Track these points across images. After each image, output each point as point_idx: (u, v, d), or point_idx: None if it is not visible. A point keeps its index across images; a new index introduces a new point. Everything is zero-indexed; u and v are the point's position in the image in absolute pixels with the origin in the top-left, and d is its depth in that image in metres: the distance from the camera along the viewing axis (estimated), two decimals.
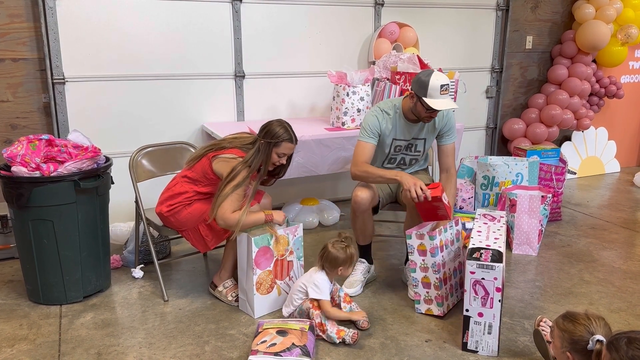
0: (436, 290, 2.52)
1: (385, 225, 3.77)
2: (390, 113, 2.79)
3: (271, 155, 2.55)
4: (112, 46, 3.47)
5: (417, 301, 2.60)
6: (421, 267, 2.51)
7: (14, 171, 2.49)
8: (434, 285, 2.51)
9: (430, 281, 2.52)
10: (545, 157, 4.14)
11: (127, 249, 3.15)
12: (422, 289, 2.55)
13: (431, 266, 2.49)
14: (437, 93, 2.59)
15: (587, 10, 4.73)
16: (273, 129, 2.55)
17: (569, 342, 1.77)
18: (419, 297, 2.58)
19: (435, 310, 2.55)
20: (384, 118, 2.78)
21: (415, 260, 2.52)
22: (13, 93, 3.33)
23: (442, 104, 2.61)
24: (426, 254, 2.48)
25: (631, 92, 5.42)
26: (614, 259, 3.31)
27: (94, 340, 2.37)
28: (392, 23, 4.17)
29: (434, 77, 2.60)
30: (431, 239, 2.45)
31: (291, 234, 2.61)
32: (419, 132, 2.84)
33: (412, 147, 2.89)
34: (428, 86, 2.59)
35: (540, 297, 2.80)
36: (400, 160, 2.93)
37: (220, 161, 2.54)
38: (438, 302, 2.53)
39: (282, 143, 2.55)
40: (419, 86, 2.63)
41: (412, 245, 2.50)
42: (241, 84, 3.88)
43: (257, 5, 3.82)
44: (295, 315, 2.47)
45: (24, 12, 3.25)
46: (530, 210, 3.34)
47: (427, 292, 2.54)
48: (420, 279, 2.54)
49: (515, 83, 5.03)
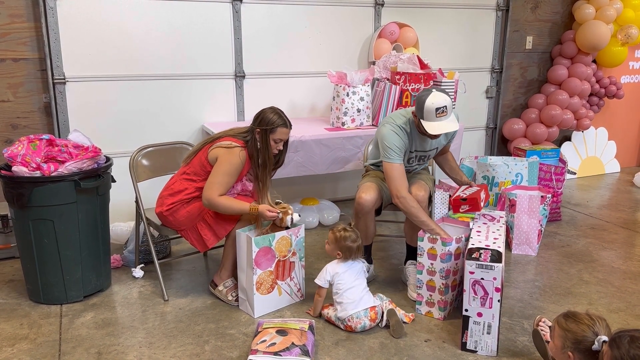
0: (440, 295, 2.52)
1: (385, 225, 3.78)
2: (407, 129, 2.72)
3: (269, 142, 2.60)
4: (113, 46, 3.48)
5: (418, 302, 2.60)
6: (428, 271, 2.51)
7: (15, 171, 2.49)
8: (439, 290, 2.51)
9: (435, 285, 2.52)
10: (545, 158, 4.14)
11: (127, 248, 3.16)
12: (425, 291, 2.56)
13: (439, 271, 2.48)
14: (433, 116, 2.54)
15: (587, 11, 4.73)
16: (267, 116, 2.60)
17: (572, 342, 1.77)
18: (422, 299, 2.59)
19: (436, 313, 2.55)
20: (404, 134, 2.70)
21: (423, 262, 2.52)
22: (14, 93, 3.34)
23: (438, 127, 2.56)
24: (436, 258, 2.47)
25: (631, 93, 5.43)
26: (614, 259, 3.31)
27: (94, 339, 2.38)
28: (392, 23, 4.17)
29: (430, 99, 2.54)
30: (444, 245, 2.44)
31: (293, 235, 2.61)
32: (432, 143, 2.84)
33: (425, 157, 2.91)
34: (424, 108, 2.55)
35: (539, 297, 2.80)
36: (409, 167, 2.91)
37: (215, 148, 2.59)
38: (440, 306, 2.53)
39: (277, 129, 2.59)
40: (417, 106, 2.60)
41: (422, 247, 2.50)
42: (241, 84, 3.89)
43: (258, 5, 3.82)
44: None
45: (25, 12, 3.26)
46: (530, 210, 3.35)
47: (431, 295, 2.55)
48: (425, 282, 2.54)
49: (515, 83, 5.03)
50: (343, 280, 2.45)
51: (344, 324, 2.42)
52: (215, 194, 2.51)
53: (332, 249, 2.53)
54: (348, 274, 2.46)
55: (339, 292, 2.44)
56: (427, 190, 2.80)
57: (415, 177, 2.93)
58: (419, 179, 2.89)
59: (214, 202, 2.52)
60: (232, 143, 2.58)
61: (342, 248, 2.48)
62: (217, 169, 2.55)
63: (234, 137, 2.63)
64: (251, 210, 2.53)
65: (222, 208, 2.53)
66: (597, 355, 1.70)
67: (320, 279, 2.50)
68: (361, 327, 2.40)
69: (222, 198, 2.52)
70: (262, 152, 2.60)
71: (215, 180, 2.53)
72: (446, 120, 2.57)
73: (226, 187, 2.55)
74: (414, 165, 2.91)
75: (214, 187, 2.52)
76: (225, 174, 2.54)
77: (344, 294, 2.43)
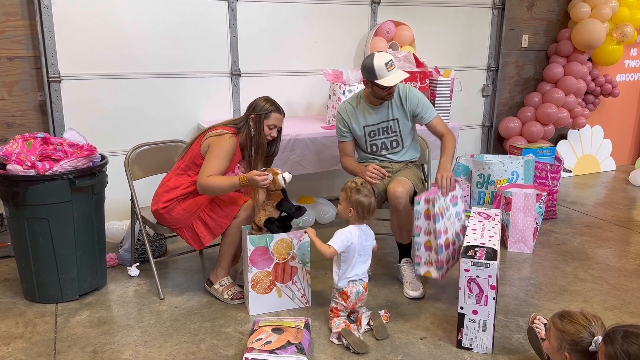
0: (436, 255, 2.58)
1: (381, 223, 3.78)
2: (353, 104, 2.98)
3: (263, 128, 2.64)
4: (108, 44, 3.47)
5: (417, 263, 2.66)
6: (425, 232, 2.59)
7: (9, 169, 2.48)
8: (435, 250, 2.57)
9: (432, 245, 2.58)
10: (540, 156, 4.16)
11: (123, 247, 3.15)
12: (423, 252, 2.62)
13: (433, 231, 2.55)
14: (385, 71, 2.74)
15: (582, 9, 4.74)
16: (260, 104, 2.68)
17: (569, 343, 1.76)
18: (420, 260, 2.64)
19: (434, 273, 2.61)
20: (348, 110, 2.97)
21: (420, 225, 2.59)
22: (8, 91, 3.33)
23: (394, 78, 2.76)
24: (430, 218, 2.55)
25: (627, 91, 5.44)
26: (609, 256, 3.32)
27: (89, 338, 2.37)
28: (388, 21, 4.17)
29: (376, 59, 2.75)
30: (433, 206, 2.52)
31: (296, 238, 2.57)
32: (388, 113, 2.94)
33: (387, 129, 2.97)
34: (374, 69, 2.74)
35: (534, 295, 2.81)
36: (381, 146, 3.00)
37: (207, 138, 2.62)
38: (437, 266, 2.59)
39: (272, 114, 2.66)
40: (367, 73, 2.78)
41: (419, 210, 2.57)
42: (237, 82, 3.88)
43: (253, 3, 3.82)
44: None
45: (20, 10, 3.24)
46: (526, 208, 3.36)
47: (429, 255, 2.61)
48: (423, 243, 2.61)
49: (511, 82, 5.04)
50: (352, 252, 2.36)
51: (339, 291, 2.42)
52: (205, 176, 2.52)
53: (344, 207, 2.41)
54: (359, 245, 2.38)
55: (345, 264, 2.38)
56: (407, 187, 2.75)
57: (398, 174, 2.93)
58: (401, 175, 2.88)
59: (204, 183, 2.51)
60: (222, 131, 2.63)
61: (354, 203, 2.36)
62: (208, 155, 2.57)
63: (225, 126, 2.68)
64: (241, 181, 2.47)
65: (213, 187, 2.52)
66: (594, 356, 1.70)
67: (336, 240, 2.33)
68: (355, 292, 2.41)
69: (211, 177, 2.51)
70: (255, 138, 2.64)
71: (206, 165, 2.55)
72: (397, 72, 2.78)
73: (217, 170, 2.54)
74: (378, 141, 3.00)
75: (205, 170, 2.53)
76: (215, 156, 2.55)
77: (351, 270, 2.38)
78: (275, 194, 2.52)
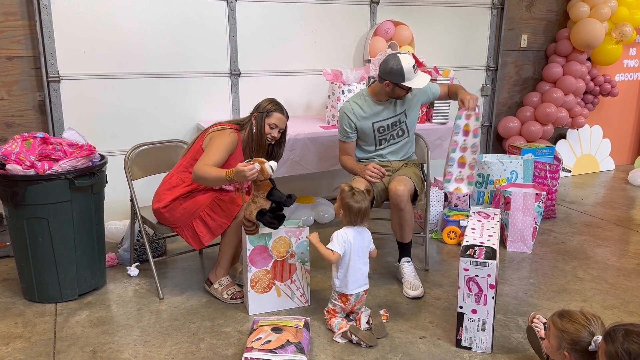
0: (470, 170, 2.63)
1: (380, 223, 3.78)
2: (359, 102, 2.98)
3: (264, 126, 2.67)
4: (107, 44, 3.47)
5: (447, 180, 2.70)
6: (461, 147, 2.63)
7: (9, 169, 2.48)
8: (469, 165, 2.62)
9: (465, 161, 2.63)
10: (539, 155, 4.16)
11: (122, 247, 3.15)
12: (456, 168, 2.68)
13: (471, 146, 2.60)
14: (412, 74, 2.78)
15: (581, 9, 4.75)
16: (263, 103, 2.73)
17: (568, 343, 1.76)
18: (451, 177, 2.68)
19: (465, 188, 2.67)
20: (355, 111, 2.95)
21: (457, 140, 2.64)
22: (8, 91, 3.33)
23: (423, 81, 2.82)
24: (469, 134, 2.59)
25: (626, 90, 5.45)
26: (608, 256, 3.33)
27: (89, 338, 2.37)
28: (387, 21, 4.17)
29: (404, 62, 2.76)
30: (476, 120, 2.58)
31: (294, 236, 2.57)
32: (395, 108, 2.97)
33: (396, 123, 3.00)
34: (404, 72, 2.76)
35: (534, 294, 2.82)
36: (389, 137, 3.04)
37: (208, 134, 2.65)
38: (469, 181, 2.64)
39: (273, 113, 2.69)
40: (395, 75, 2.79)
41: (459, 125, 2.63)
42: (237, 82, 3.89)
43: (253, 3, 3.82)
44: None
45: (19, 10, 3.24)
46: (525, 207, 3.36)
47: (460, 171, 2.67)
48: (457, 159, 2.66)
49: (510, 81, 5.04)
50: (349, 255, 2.38)
51: (339, 292, 2.42)
52: (201, 164, 2.51)
53: (338, 206, 2.46)
54: (356, 246, 2.39)
55: (344, 266, 2.39)
56: (408, 185, 2.76)
57: (398, 172, 2.95)
58: (402, 174, 2.89)
59: (197, 170, 2.50)
60: (224, 127, 2.66)
61: (344, 206, 2.40)
62: (208, 146, 2.59)
63: (228, 123, 2.71)
64: (227, 175, 2.41)
65: (203, 176, 2.48)
66: (594, 355, 1.70)
67: (334, 244, 2.36)
68: (355, 295, 2.42)
69: (205, 166, 2.50)
70: (255, 136, 2.67)
71: (204, 155, 2.56)
72: (421, 74, 2.86)
73: (213, 160, 2.53)
74: (387, 134, 3.01)
75: (202, 159, 2.54)
76: (214, 147, 2.56)
77: (349, 276, 2.39)
78: (264, 183, 2.41)
